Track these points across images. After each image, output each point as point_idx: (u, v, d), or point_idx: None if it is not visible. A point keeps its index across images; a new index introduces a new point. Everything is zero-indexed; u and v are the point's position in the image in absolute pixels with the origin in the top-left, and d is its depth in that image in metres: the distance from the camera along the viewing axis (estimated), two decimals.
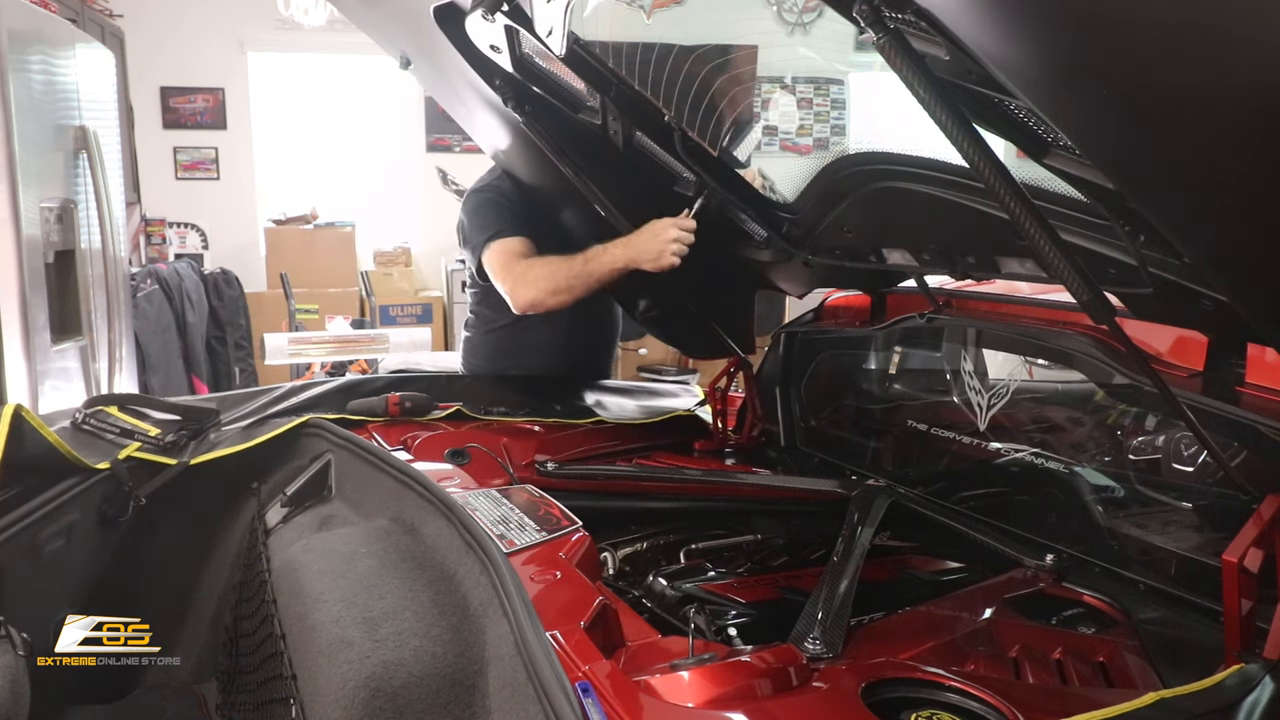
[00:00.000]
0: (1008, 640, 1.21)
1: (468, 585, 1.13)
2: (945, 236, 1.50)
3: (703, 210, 1.86)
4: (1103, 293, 1.06)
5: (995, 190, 0.96)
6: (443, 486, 1.37)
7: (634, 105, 1.64)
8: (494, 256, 2.12)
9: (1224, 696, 0.94)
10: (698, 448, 2.13)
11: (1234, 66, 0.67)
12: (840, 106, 7.07)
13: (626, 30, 1.64)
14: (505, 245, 2.11)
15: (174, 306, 4.89)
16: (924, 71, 0.89)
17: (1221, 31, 0.64)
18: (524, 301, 2.07)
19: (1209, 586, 1.22)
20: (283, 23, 5.93)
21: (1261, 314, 1.03)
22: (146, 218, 6.02)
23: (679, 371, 6.54)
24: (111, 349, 3.46)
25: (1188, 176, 0.83)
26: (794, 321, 2.23)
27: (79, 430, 1.61)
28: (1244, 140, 0.74)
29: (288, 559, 1.33)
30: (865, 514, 1.52)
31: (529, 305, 2.07)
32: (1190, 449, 1.40)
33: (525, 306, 2.08)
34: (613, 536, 1.66)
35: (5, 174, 2.76)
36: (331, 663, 1.03)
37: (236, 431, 1.73)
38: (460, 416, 1.96)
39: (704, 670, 0.99)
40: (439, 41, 1.69)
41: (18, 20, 2.88)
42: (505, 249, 2.11)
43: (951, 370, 1.79)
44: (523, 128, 1.81)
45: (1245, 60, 0.66)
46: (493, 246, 2.12)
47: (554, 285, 2.04)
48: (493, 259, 2.12)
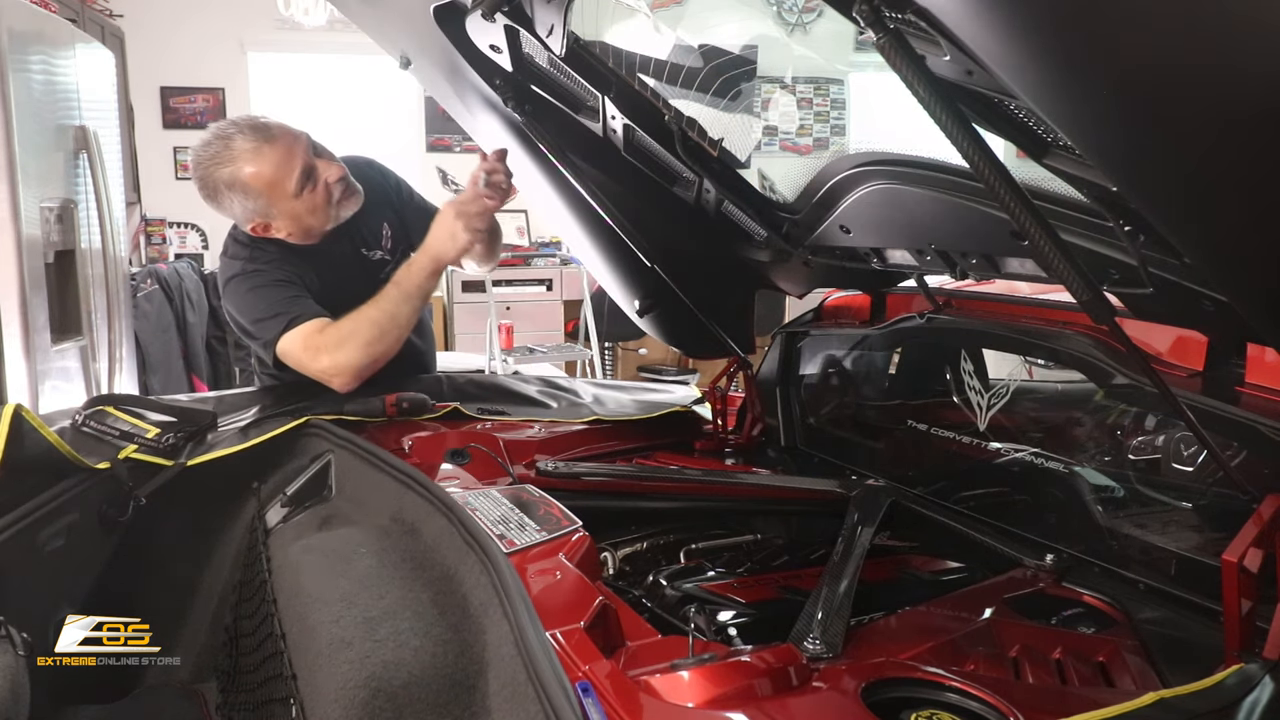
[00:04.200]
0: (1008, 640, 1.21)
1: (468, 585, 1.14)
2: (945, 236, 1.50)
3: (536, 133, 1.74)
4: (1103, 293, 1.06)
5: (995, 190, 0.96)
6: (442, 486, 1.37)
7: (634, 105, 1.64)
8: (290, 344, 1.83)
9: (1224, 696, 0.94)
10: (698, 448, 2.13)
11: (1235, 66, 0.67)
12: (840, 106, 7.09)
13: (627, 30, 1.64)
14: (298, 331, 1.83)
15: (174, 306, 4.89)
16: (924, 71, 0.89)
17: (1223, 31, 0.64)
18: (351, 370, 1.81)
19: (1209, 586, 1.22)
20: (283, 23, 5.94)
21: (1261, 314, 1.03)
22: (146, 218, 6.03)
23: (679, 371, 6.55)
24: (111, 349, 3.46)
25: (1188, 177, 0.83)
26: (794, 321, 2.23)
27: (79, 431, 1.61)
28: (1245, 140, 0.74)
29: (288, 559, 1.33)
30: (865, 514, 1.52)
31: (358, 372, 1.82)
32: (1190, 449, 1.40)
33: (354, 376, 1.82)
34: (613, 536, 1.66)
35: (5, 174, 2.76)
36: (331, 663, 1.03)
37: (236, 432, 1.73)
38: (458, 416, 1.96)
39: (704, 670, 0.99)
40: (439, 41, 1.69)
41: (18, 20, 2.89)
42: (299, 333, 1.83)
43: (951, 370, 1.79)
44: (523, 128, 1.81)
45: (1247, 59, 0.66)
46: (287, 338, 1.83)
47: (376, 332, 1.80)
48: (292, 348, 1.84)
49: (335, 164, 1.93)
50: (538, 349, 5.38)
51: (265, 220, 1.89)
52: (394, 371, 2.05)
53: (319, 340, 1.83)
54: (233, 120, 1.87)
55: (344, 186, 1.94)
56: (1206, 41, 0.66)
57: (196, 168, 1.86)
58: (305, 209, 1.89)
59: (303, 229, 1.92)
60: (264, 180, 1.83)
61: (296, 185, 1.85)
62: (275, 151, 1.83)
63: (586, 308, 5.84)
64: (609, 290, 2.36)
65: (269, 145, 1.83)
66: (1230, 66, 0.67)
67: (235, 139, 1.83)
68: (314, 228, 1.93)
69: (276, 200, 1.86)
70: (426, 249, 1.86)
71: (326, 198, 1.91)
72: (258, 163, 1.82)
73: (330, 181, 1.90)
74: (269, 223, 1.89)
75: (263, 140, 1.83)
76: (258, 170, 1.82)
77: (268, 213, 1.88)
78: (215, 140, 1.84)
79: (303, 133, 1.91)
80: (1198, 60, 0.68)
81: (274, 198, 1.85)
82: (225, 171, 1.82)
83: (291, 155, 1.85)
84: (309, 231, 1.93)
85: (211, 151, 1.84)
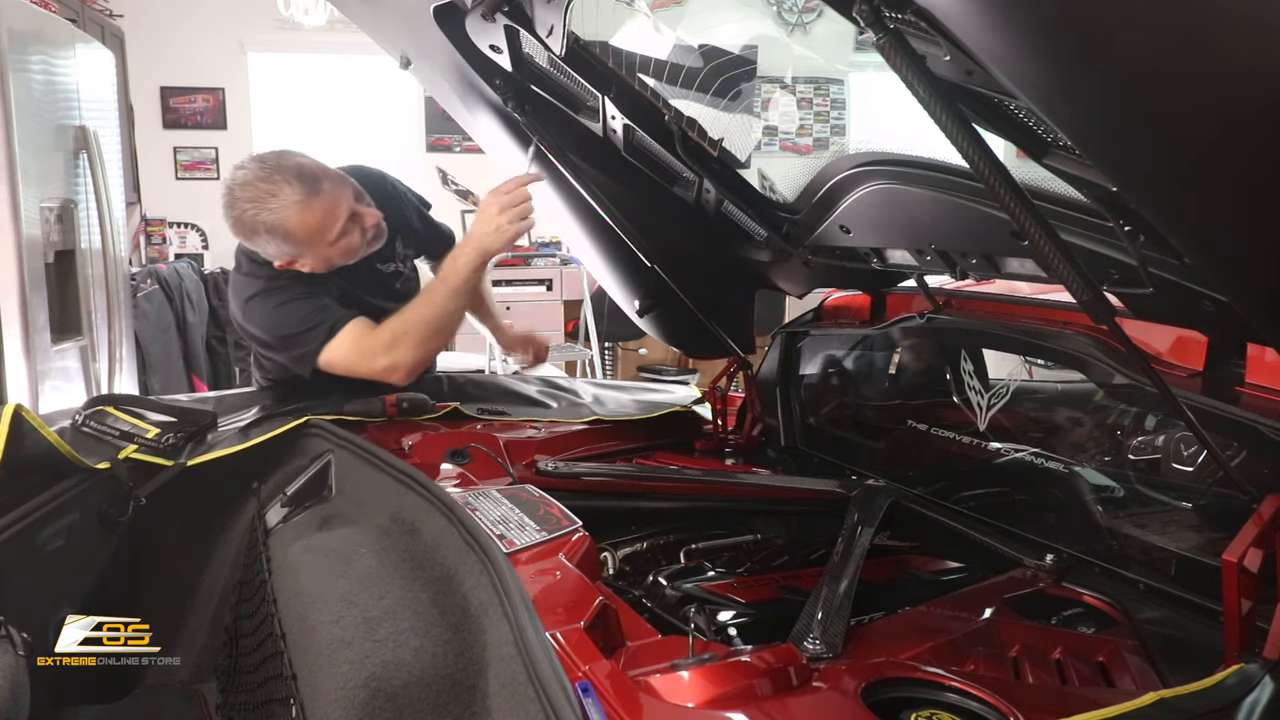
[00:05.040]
0: (1008, 640, 1.21)
1: (468, 585, 1.14)
2: (945, 236, 1.50)
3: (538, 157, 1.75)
4: (1103, 293, 1.06)
5: (995, 190, 0.96)
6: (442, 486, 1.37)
7: (634, 105, 1.64)
8: (339, 349, 1.83)
9: (1224, 696, 0.95)
10: (698, 448, 2.13)
11: (1234, 65, 0.67)
12: (840, 106, 7.09)
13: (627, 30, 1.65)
14: (345, 334, 1.83)
15: (174, 306, 4.89)
16: (924, 71, 0.89)
17: (1222, 30, 0.64)
18: (409, 368, 1.83)
19: (1209, 586, 1.22)
20: (283, 23, 5.93)
21: (1261, 314, 1.03)
22: (146, 218, 6.03)
23: (679, 371, 6.55)
24: (111, 349, 3.46)
25: (1188, 177, 0.83)
26: (794, 321, 2.23)
27: (79, 431, 1.61)
28: (1244, 140, 0.74)
29: (288, 559, 1.33)
30: (865, 514, 1.52)
31: (415, 369, 1.84)
32: (1190, 449, 1.40)
33: (411, 373, 1.84)
34: (613, 536, 1.66)
35: (5, 174, 2.76)
36: (331, 663, 1.03)
37: (236, 432, 1.74)
38: (458, 416, 1.96)
39: (704, 670, 0.99)
40: (439, 41, 1.69)
41: (18, 20, 2.89)
42: (347, 337, 1.83)
43: (951, 370, 1.79)
44: (523, 128, 1.81)
45: (1246, 59, 0.66)
46: (332, 345, 1.83)
47: (430, 330, 1.82)
48: (339, 352, 1.83)
49: (371, 210, 1.92)
50: None
51: (294, 259, 1.88)
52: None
53: (371, 343, 1.83)
54: (277, 164, 1.82)
55: (376, 231, 1.94)
56: (1205, 41, 0.66)
57: (234, 205, 1.82)
58: (338, 252, 1.89)
59: (327, 266, 1.92)
60: (308, 230, 1.81)
61: (338, 234, 1.85)
62: (322, 204, 1.81)
63: (586, 308, 5.84)
64: (609, 290, 2.36)
65: (317, 199, 1.80)
66: (1229, 66, 0.67)
67: (283, 189, 1.79)
68: (338, 263, 1.93)
69: (314, 246, 1.85)
70: (472, 241, 1.82)
71: (360, 241, 1.91)
72: (304, 215, 1.80)
73: (366, 228, 1.90)
74: (296, 260, 1.88)
75: (310, 193, 1.80)
76: (303, 221, 1.80)
77: (300, 255, 1.87)
78: (260, 184, 1.80)
79: (346, 179, 1.89)
80: (1197, 60, 0.68)
81: (313, 245, 1.85)
82: (269, 218, 1.79)
83: (337, 207, 1.83)
84: (332, 267, 1.93)
85: (255, 194, 1.80)
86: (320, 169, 1.86)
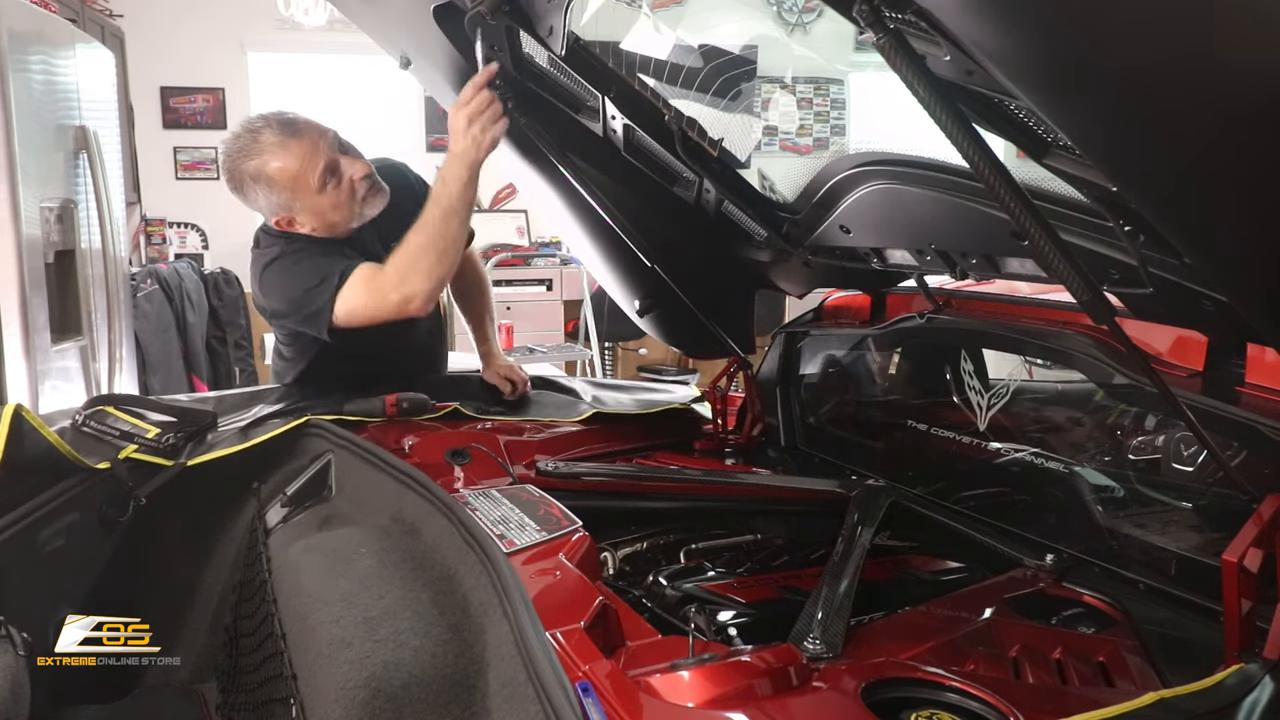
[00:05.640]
0: (1008, 640, 1.21)
1: (468, 585, 1.14)
2: (945, 236, 1.50)
3: (487, 52, 1.68)
4: (1103, 293, 1.06)
5: (995, 190, 0.96)
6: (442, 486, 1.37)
7: (634, 105, 1.64)
8: (352, 295, 1.84)
9: (1224, 696, 0.95)
10: (698, 448, 2.13)
11: (1234, 64, 0.67)
12: (840, 106, 7.08)
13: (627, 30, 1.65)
14: (355, 278, 1.84)
15: (174, 306, 4.89)
16: (924, 71, 0.89)
17: (1221, 30, 0.64)
18: (424, 296, 1.82)
19: (1209, 586, 1.22)
20: (283, 23, 5.93)
21: (1261, 314, 1.03)
22: (146, 218, 6.02)
23: (679, 371, 6.55)
24: (111, 349, 3.46)
25: (1188, 177, 0.83)
26: (794, 321, 2.23)
27: (79, 431, 1.61)
28: (1244, 140, 0.74)
29: (288, 559, 1.33)
30: (865, 514, 1.52)
31: (431, 295, 1.84)
32: (1190, 449, 1.40)
33: (428, 300, 1.84)
34: (613, 536, 1.66)
35: (5, 174, 2.76)
36: (331, 663, 1.03)
37: (236, 432, 1.73)
38: (458, 416, 1.96)
39: (704, 670, 0.99)
40: (439, 41, 1.69)
41: (18, 20, 2.88)
42: (358, 280, 1.84)
43: (951, 370, 1.79)
44: (523, 128, 1.81)
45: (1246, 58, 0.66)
46: (344, 294, 1.84)
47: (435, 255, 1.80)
48: (353, 298, 1.84)
49: (360, 161, 1.95)
50: (538, 349, 5.38)
51: (290, 214, 1.92)
52: (406, 370, 2.09)
53: (381, 281, 1.83)
54: (262, 115, 1.91)
55: (369, 184, 1.95)
56: (1205, 40, 0.66)
57: (225, 160, 1.91)
58: (329, 204, 1.91)
59: (326, 224, 1.94)
60: (288, 174, 1.86)
61: (320, 180, 1.87)
62: (300, 146, 1.87)
63: (586, 308, 5.84)
64: (609, 290, 2.36)
65: (294, 140, 1.86)
66: (1228, 64, 0.67)
67: (263, 133, 1.87)
68: (338, 224, 1.95)
69: (300, 194, 1.88)
70: (454, 158, 1.81)
71: (350, 194, 1.93)
72: (282, 157, 1.86)
73: (355, 178, 1.92)
74: (293, 217, 1.92)
75: (289, 135, 1.87)
76: (282, 164, 1.86)
77: (291, 206, 1.90)
78: (244, 133, 1.89)
79: (329, 129, 1.94)
80: (1197, 59, 0.68)
81: (297, 191, 1.88)
82: (251, 164, 1.87)
83: (316, 150, 1.88)
84: (333, 227, 1.95)
85: (240, 144, 1.88)
86: (304, 120, 1.91)
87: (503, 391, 2.21)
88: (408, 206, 2.05)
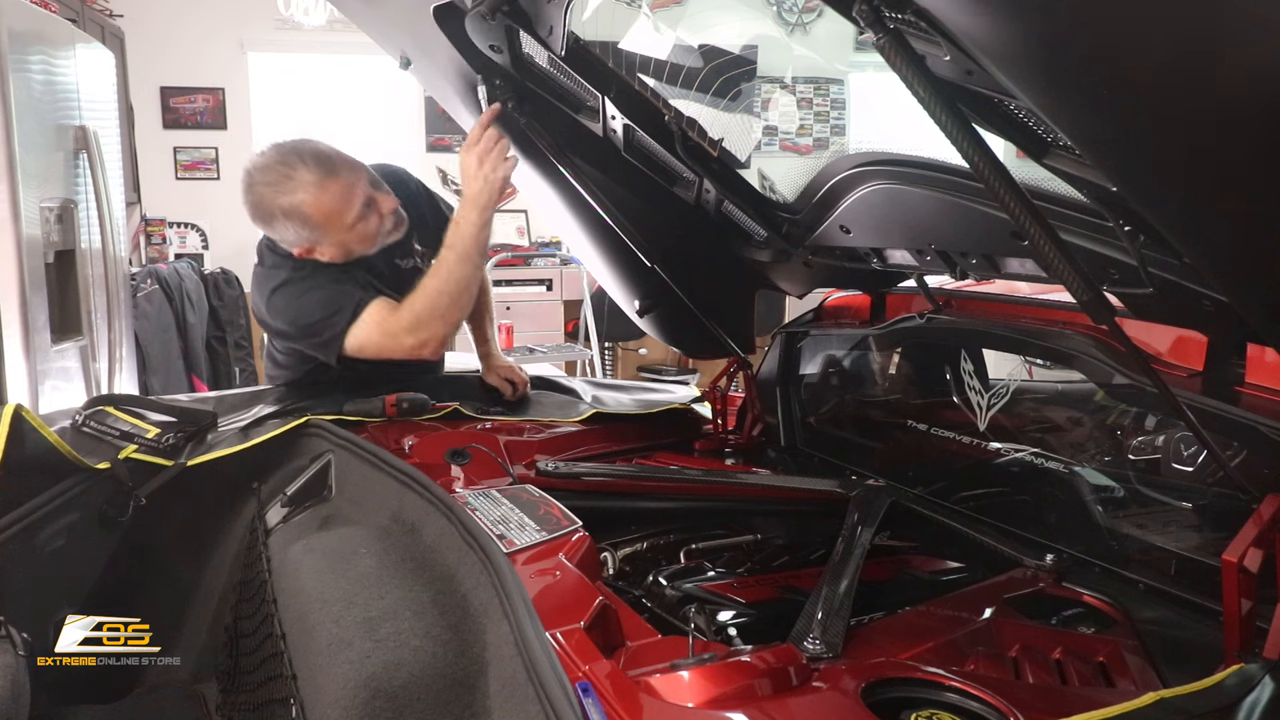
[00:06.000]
0: (1008, 640, 1.21)
1: (468, 585, 1.14)
2: (945, 236, 1.50)
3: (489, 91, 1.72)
4: (1103, 293, 1.06)
5: (995, 190, 0.96)
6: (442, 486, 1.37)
7: (634, 105, 1.64)
8: (364, 333, 1.83)
9: (1224, 696, 0.95)
10: (698, 448, 2.13)
11: (1235, 65, 0.67)
12: (840, 106, 7.08)
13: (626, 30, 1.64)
14: (369, 317, 1.84)
15: (174, 306, 4.89)
16: (924, 71, 0.89)
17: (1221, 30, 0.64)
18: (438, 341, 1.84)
19: (1209, 586, 1.22)
20: (283, 23, 5.93)
21: (1261, 314, 1.03)
22: (146, 218, 6.02)
23: (679, 371, 6.55)
24: (111, 349, 3.46)
25: (1188, 177, 0.83)
26: (794, 321, 2.23)
27: (79, 431, 1.61)
28: (1245, 141, 0.74)
29: (288, 559, 1.33)
30: (865, 514, 1.52)
31: (444, 341, 1.86)
32: (1190, 449, 1.40)
33: (441, 345, 1.86)
34: (613, 536, 1.66)
35: (5, 174, 2.76)
36: (332, 663, 1.03)
37: (236, 432, 1.73)
38: (458, 416, 1.96)
39: (704, 670, 0.99)
40: (439, 41, 1.69)
41: (18, 20, 2.88)
42: (371, 319, 1.84)
43: (951, 370, 1.79)
44: (523, 128, 1.81)
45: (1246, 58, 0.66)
46: (356, 329, 1.83)
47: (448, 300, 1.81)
48: (365, 335, 1.83)
49: (390, 196, 1.94)
50: (538, 349, 5.38)
51: (313, 246, 1.90)
52: (403, 372, 2.07)
53: (394, 324, 1.83)
54: (295, 148, 1.86)
55: (395, 219, 1.95)
56: (1205, 41, 0.66)
57: (253, 190, 1.85)
58: (355, 239, 1.90)
59: (346, 254, 1.93)
60: (323, 213, 1.84)
61: (355, 219, 1.86)
62: (338, 186, 1.84)
63: (586, 308, 5.84)
64: (609, 290, 2.36)
65: (332, 180, 1.83)
66: (1229, 65, 0.67)
67: (298, 170, 1.82)
68: (357, 254, 1.94)
69: (331, 231, 1.86)
70: (468, 201, 1.83)
71: (378, 228, 1.92)
72: (320, 196, 1.82)
73: (384, 214, 1.92)
74: (314, 247, 1.90)
75: (326, 174, 1.83)
76: (318, 203, 1.83)
77: (319, 241, 1.88)
78: (276, 166, 1.84)
79: (362, 166, 1.91)
80: (1197, 59, 0.68)
81: (329, 229, 1.86)
82: (285, 200, 1.82)
83: (353, 190, 1.86)
84: (350, 255, 1.94)
85: (272, 178, 1.83)
86: (337, 154, 1.88)
87: (503, 393, 2.20)
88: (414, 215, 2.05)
